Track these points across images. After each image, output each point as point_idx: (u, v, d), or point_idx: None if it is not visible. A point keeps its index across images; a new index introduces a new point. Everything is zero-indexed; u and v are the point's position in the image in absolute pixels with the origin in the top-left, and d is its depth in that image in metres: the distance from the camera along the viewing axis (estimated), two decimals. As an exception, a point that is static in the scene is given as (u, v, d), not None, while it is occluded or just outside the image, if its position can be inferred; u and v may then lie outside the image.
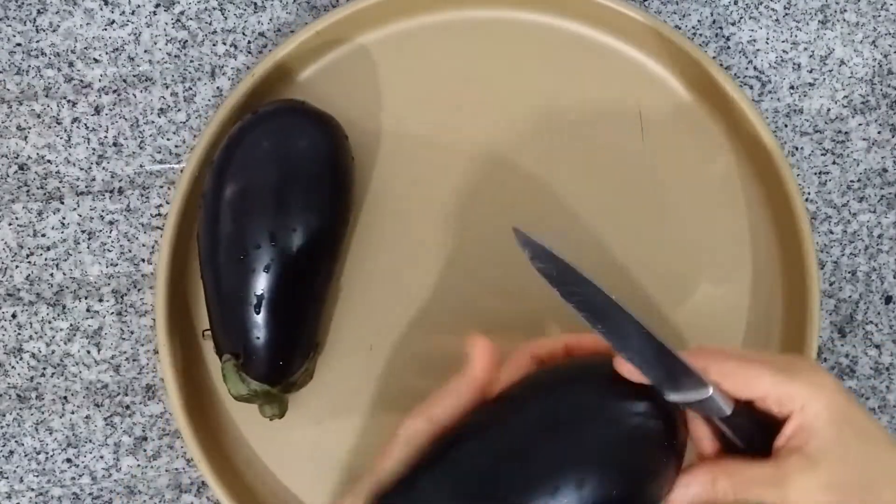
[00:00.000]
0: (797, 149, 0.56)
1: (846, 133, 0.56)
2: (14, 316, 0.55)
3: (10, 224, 0.56)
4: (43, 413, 0.55)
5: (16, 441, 0.55)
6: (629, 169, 0.55)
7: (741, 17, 0.57)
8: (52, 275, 0.56)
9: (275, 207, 0.49)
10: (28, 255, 0.56)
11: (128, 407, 0.55)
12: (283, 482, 0.53)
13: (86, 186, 0.56)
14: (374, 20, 0.56)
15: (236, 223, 0.49)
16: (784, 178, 0.52)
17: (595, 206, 0.54)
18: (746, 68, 0.57)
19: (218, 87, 0.57)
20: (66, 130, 0.57)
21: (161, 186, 0.56)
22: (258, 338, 0.49)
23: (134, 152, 0.56)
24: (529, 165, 0.55)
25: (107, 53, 0.57)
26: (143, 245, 0.56)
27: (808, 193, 0.56)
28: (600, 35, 0.56)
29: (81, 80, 0.57)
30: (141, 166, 0.56)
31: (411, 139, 0.55)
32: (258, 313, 0.48)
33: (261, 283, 0.48)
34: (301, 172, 0.50)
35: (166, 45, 0.57)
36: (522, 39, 0.56)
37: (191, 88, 0.57)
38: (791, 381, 0.38)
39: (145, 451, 0.54)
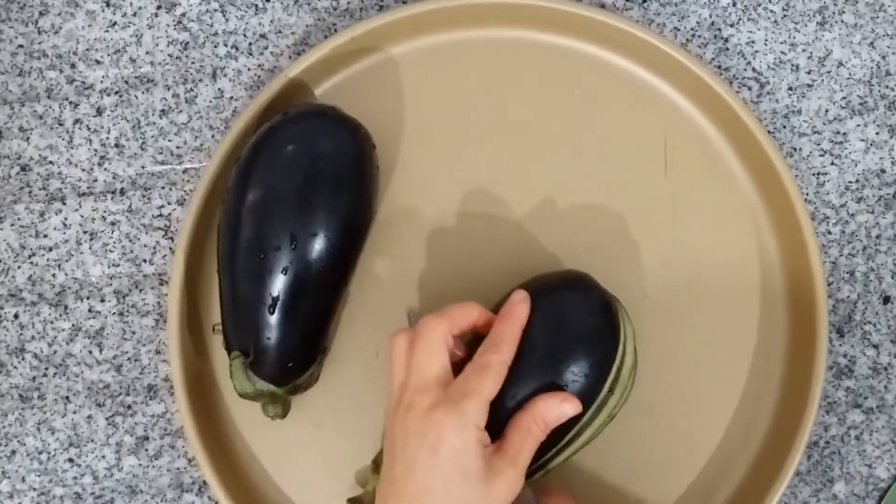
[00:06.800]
0: (795, 149, 0.57)
1: (844, 134, 0.57)
2: (16, 316, 0.56)
3: (12, 225, 0.56)
4: (45, 413, 0.55)
5: (18, 441, 0.55)
6: (648, 200, 0.55)
7: (740, 19, 0.57)
8: (53, 275, 0.56)
9: (297, 210, 0.49)
10: (30, 256, 0.56)
11: (129, 407, 0.55)
12: (278, 484, 0.53)
13: (87, 187, 0.57)
14: (408, 32, 0.55)
15: (258, 223, 0.49)
16: (790, 195, 0.53)
17: (612, 233, 0.54)
18: (745, 70, 0.57)
19: (219, 89, 0.57)
20: (67, 132, 0.57)
21: (163, 187, 0.56)
22: (269, 338, 0.49)
23: (135, 153, 0.57)
24: (549, 187, 0.55)
25: (108, 55, 0.58)
26: (145, 246, 0.56)
27: (807, 194, 0.56)
28: (629, 64, 0.56)
29: (83, 82, 0.57)
30: (142, 167, 0.57)
31: (432, 153, 0.55)
32: (272, 314, 0.48)
33: (277, 285, 0.48)
34: (326, 178, 0.49)
35: (168, 46, 0.58)
36: (551, 62, 0.56)
37: (192, 90, 0.57)
38: None
39: (147, 450, 0.55)
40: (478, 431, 0.42)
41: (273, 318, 0.48)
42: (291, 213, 0.48)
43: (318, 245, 0.49)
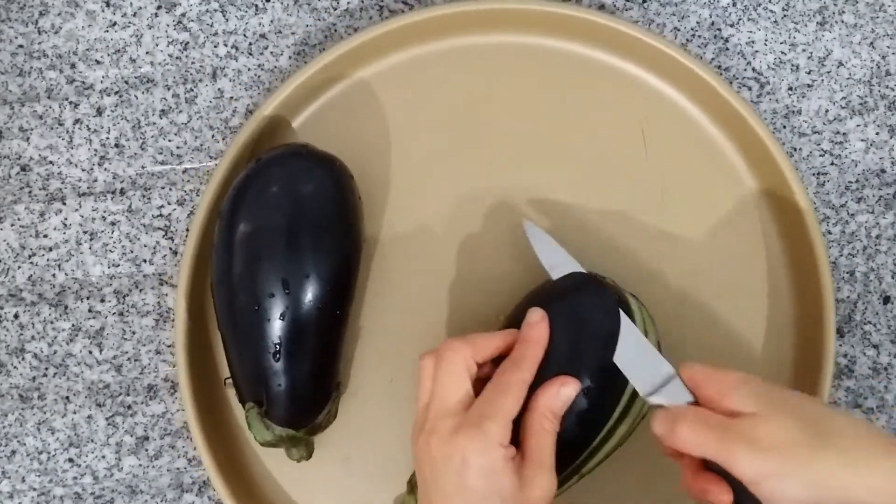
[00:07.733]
0: (795, 149, 0.57)
1: (844, 134, 0.57)
2: (16, 316, 0.56)
3: (12, 225, 0.56)
4: (45, 413, 0.55)
5: (18, 441, 0.55)
6: (634, 184, 0.55)
7: (740, 19, 0.57)
8: (54, 275, 0.56)
9: (285, 255, 0.49)
10: (30, 256, 0.56)
11: (129, 407, 0.55)
12: None
13: (87, 187, 0.57)
14: (375, 52, 0.55)
15: (249, 274, 0.49)
16: (793, 187, 0.52)
17: (605, 226, 0.55)
18: (745, 70, 0.57)
19: (219, 89, 0.57)
20: (67, 132, 0.57)
21: (163, 188, 0.56)
22: (279, 385, 0.49)
23: (135, 153, 0.57)
24: (537, 188, 0.55)
25: (108, 55, 0.58)
26: (145, 246, 0.56)
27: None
28: (601, 54, 0.56)
29: (83, 82, 0.57)
30: (142, 167, 0.57)
31: (418, 170, 0.55)
32: (277, 361, 0.48)
33: (277, 332, 0.48)
34: (309, 218, 0.49)
35: (168, 46, 0.58)
36: (523, 62, 0.56)
37: (192, 90, 0.57)
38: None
39: (147, 450, 0.55)
40: (502, 449, 0.42)
41: (279, 365, 0.48)
42: (280, 259, 0.48)
43: (312, 285, 0.49)
